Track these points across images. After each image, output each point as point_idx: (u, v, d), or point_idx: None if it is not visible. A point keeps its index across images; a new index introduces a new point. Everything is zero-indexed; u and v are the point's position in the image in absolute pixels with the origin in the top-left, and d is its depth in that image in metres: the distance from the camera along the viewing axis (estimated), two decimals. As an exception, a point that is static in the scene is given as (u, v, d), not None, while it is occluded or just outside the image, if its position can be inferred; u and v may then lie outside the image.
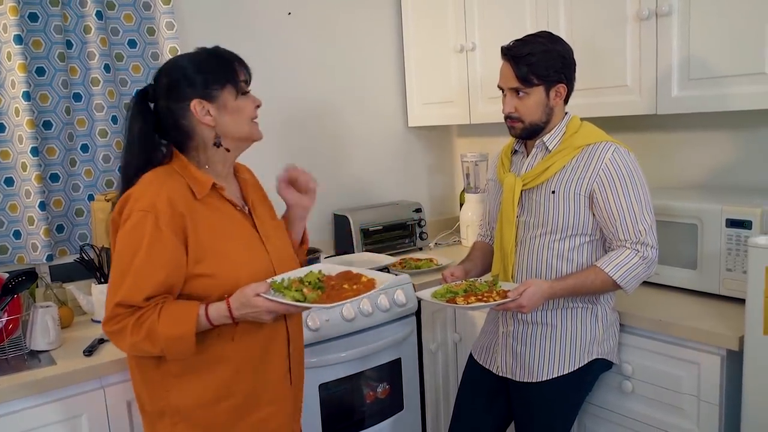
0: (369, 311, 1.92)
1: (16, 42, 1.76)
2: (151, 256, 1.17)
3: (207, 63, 1.27)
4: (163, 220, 1.18)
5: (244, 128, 1.29)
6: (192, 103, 1.24)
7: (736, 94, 1.60)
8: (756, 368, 1.36)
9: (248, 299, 1.17)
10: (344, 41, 2.55)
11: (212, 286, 1.23)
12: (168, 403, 1.25)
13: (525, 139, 1.59)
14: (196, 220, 1.22)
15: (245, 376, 1.28)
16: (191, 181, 1.25)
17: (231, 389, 1.27)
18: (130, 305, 1.17)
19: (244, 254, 1.27)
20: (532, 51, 1.47)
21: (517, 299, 1.38)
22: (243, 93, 1.29)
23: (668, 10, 1.69)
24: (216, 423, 1.27)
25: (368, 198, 2.66)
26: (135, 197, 1.21)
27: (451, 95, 2.45)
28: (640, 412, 1.63)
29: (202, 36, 2.16)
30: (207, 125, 1.26)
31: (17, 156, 1.84)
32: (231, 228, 1.28)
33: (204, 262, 1.22)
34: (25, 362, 1.52)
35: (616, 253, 1.47)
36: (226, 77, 1.26)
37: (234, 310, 1.18)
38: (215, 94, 1.25)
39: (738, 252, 1.60)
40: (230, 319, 1.19)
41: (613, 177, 1.46)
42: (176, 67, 1.27)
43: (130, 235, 1.18)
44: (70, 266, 1.89)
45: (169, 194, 1.20)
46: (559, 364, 1.54)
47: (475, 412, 1.68)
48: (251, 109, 1.30)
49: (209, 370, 1.25)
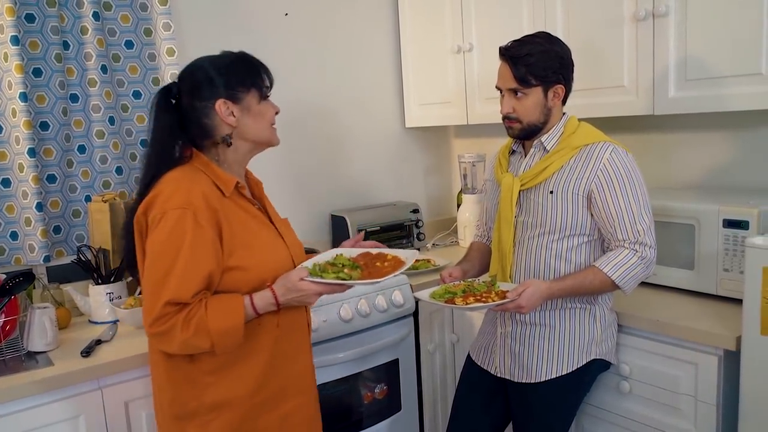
0: (366, 312, 1.92)
1: (13, 43, 1.76)
2: (195, 253, 1.19)
3: (235, 66, 1.31)
4: (202, 215, 1.20)
5: (265, 132, 1.34)
6: (217, 103, 1.27)
7: (733, 94, 1.61)
8: (753, 368, 1.37)
9: (294, 284, 1.21)
10: (341, 41, 2.55)
11: (242, 278, 1.25)
12: (201, 402, 1.26)
13: (523, 140, 1.59)
14: (227, 216, 1.26)
15: (277, 367, 1.31)
16: (216, 179, 1.28)
17: (264, 381, 1.30)
18: (179, 303, 1.18)
19: (268, 247, 1.32)
20: (530, 51, 1.47)
21: (516, 300, 1.38)
22: (265, 98, 1.33)
23: (665, 10, 1.69)
24: (248, 416, 1.29)
25: (365, 198, 2.66)
26: (165, 197, 1.22)
27: (449, 96, 2.45)
28: (637, 412, 1.63)
29: (199, 37, 2.16)
30: (229, 125, 1.29)
31: (14, 157, 1.83)
32: (254, 223, 1.32)
33: (234, 255, 1.25)
34: (22, 363, 1.51)
35: (614, 253, 1.47)
36: (252, 81, 1.31)
37: (279, 296, 1.22)
38: (241, 96, 1.29)
39: (735, 252, 1.60)
40: (275, 306, 1.24)
41: (612, 177, 1.46)
42: (203, 68, 1.31)
43: (171, 234, 1.19)
44: (68, 267, 1.88)
45: (202, 190, 1.23)
46: (558, 365, 1.54)
47: (472, 413, 1.68)
48: (271, 114, 1.35)
49: (244, 363, 1.27)
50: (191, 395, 1.27)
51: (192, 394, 1.27)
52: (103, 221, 1.88)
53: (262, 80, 1.32)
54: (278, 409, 1.32)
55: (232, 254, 1.24)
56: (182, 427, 1.28)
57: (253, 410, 1.29)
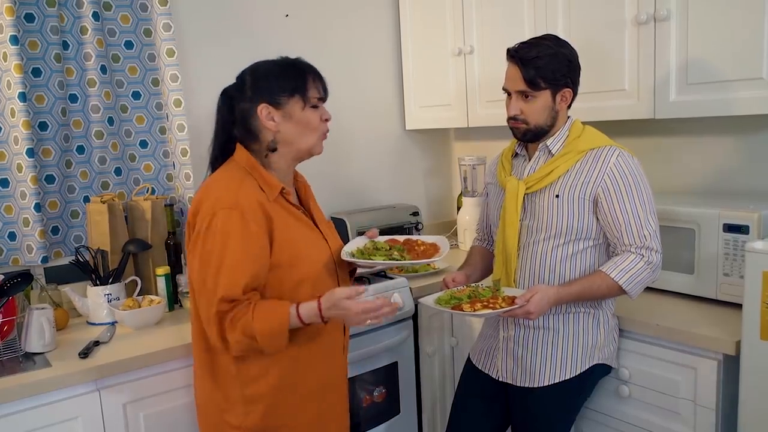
0: (366, 314, 1.91)
1: (12, 42, 1.75)
2: (241, 250, 1.24)
3: (281, 70, 1.35)
4: (250, 215, 1.25)
5: (308, 140, 1.36)
6: (259, 107, 1.32)
7: (734, 98, 1.60)
8: (753, 373, 1.36)
9: (338, 302, 1.25)
10: (342, 43, 2.55)
11: (284, 277, 1.30)
12: (241, 395, 1.32)
13: (528, 142, 1.58)
14: (275, 217, 1.30)
15: (315, 364, 1.37)
16: (262, 183, 1.33)
17: (302, 377, 1.35)
18: (232, 299, 1.23)
19: (312, 249, 1.37)
20: (539, 54, 1.46)
21: (525, 306, 1.37)
22: (312, 106, 1.35)
23: (666, 14, 1.69)
24: (286, 411, 1.34)
25: (365, 201, 2.65)
26: (214, 198, 1.27)
27: (449, 98, 2.44)
28: (636, 416, 1.63)
29: (199, 38, 2.16)
30: (270, 130, 1.33)
31: (13, 157, 1.82)
32: (299, 225, 1.37)
33: (281, 254, 1.29)
34: (20, 364, 1.51)
35: (621, 258, 1.46)
36: (294, 87, 1.33)
37: (324, 309, 1.26)
38: (282, 101, 1.32)
39: (735, 257, 1.60)
40: (320, 318, 1.27)
41: (618, 182, 1.46)
42: (254, 70, 1.36)
43: (221, 233, 1.24)
44: (66, 268, 1.87)
45: (251, 192, 1.28)
46: (561, 369, 1.53)
47: (472, 417, 1.67)
48: (317, 121, 1.36)
49: (283, 357, 1.32)
50: (231, 387, 1.32)
51: (232, 386, 1.32)
52: (101, 222, 1.88)
53: (306, 86, 1.34)
54: (316, 405, 1.38)
55: (279, 252, 1.29)
56: (222, 419, 1.34)
57: (292, 403, 1.34)
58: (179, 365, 1.59)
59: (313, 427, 1.40)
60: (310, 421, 1.38)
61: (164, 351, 1.56)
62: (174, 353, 1.58)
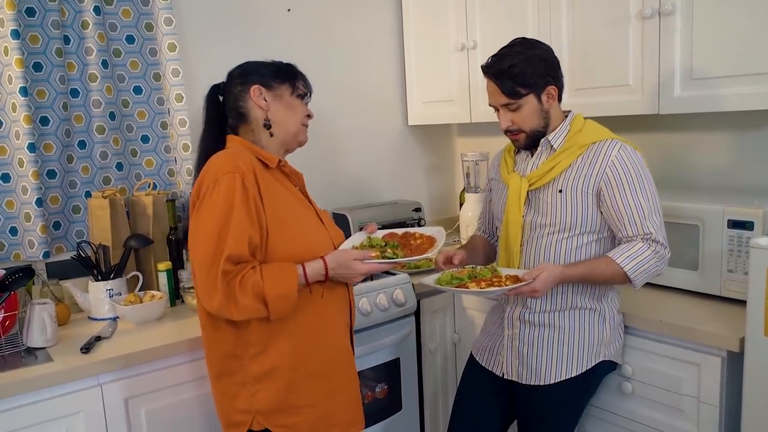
0: (368, 310, 1.91)
1: (13, 37, 1.74)
2: (246, 211, 1.26)
3: (275, 65, 1.45)
4: (248, 179, 1.28)
5: (293, 123, 1.44)
6: (252, 88, 1.40)
7: (739, 94, 1.59)
8: (757, 370, 1.36)
9: (347, 261, 1.32)
10: (344, 38, 2.54)
11: (277, 248, 1.31)
12: (248, 373, 1.33)
13: (531, 148, 1.58)
14: (269, 188, 1.33)
15: (321, 341, 1.37)
16: (260, 154, 1.38)
17: (308, 354, 1.35)
18: (238, 260, 1.24)
19: (307, 224, 1.39)
20: (512, 63, 1.45)
21: (531, 283, 1.38)
22: (299, 96, 1.45)
23: (671, 9, 1.68)
24: (294, 388, 1.34)
25: (367, 197, 2.64)
26: (214, 168, 1.30)
27: (452, 94, 2.43)
28: (639, 413, 1.62)
29: (200, 32, 2.15)
30: (260, 108, 1.40)
31: (14, 152, 1.82)
32: (295, 200, 1.41)
33: (273, 227, 1.31)
34: (21, 359, 1.51)
35: (628, 245, 1.45)
36: (286, 77, 1.44)
37: (330, 268, 1.31)
38: (274, 85, 1.42)
39: (739, 253, 1.59)
40: (324, 277, 1.32)
41: (620, 174, 1.45)
42: (248, 62, 1.46)
43: (226, 195, 1.26)
44: (67, 263, 1.87)
45: (248, 160, 1.32)
46: (567, 367, 1.52)
47: (475, 414, 1.66)
48: (302, 111, 1.46)
49: (289, 334, 1.33)
50: (238, 366, 1.33)
51: (239, 365, 1.33)
52: (103, 217, 1.87)
53: (296, 82, 1.44)
54: (324, 384, 1.37)
55: (272, 225, 1.30)
56: (231, 397, 1.35)
57: (299, 382, 1.34)
58: (181, 360, 1.59)
59: (323, 406, 1.37)
60: (320, 400, 1.37)
61: (166, 346, 1.56)
62: (176, 348, 1.57)
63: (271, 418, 1.33)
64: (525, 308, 1.57)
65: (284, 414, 1.33)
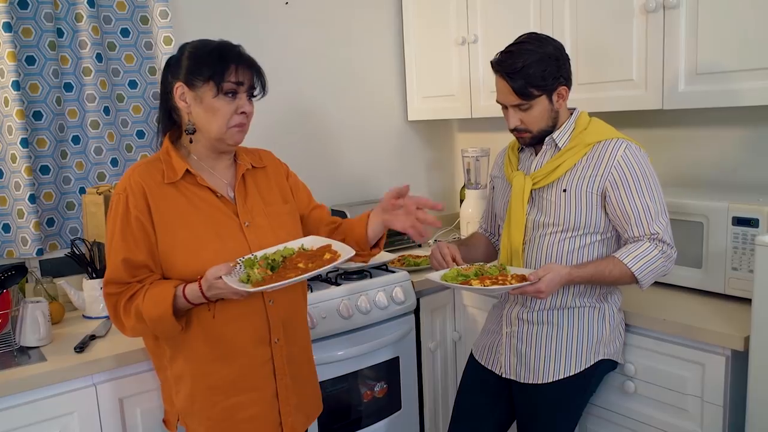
0: (367, 309, 1.89)
1: (6, 30, 1.71)
2: (120, 233, 1.26)
3: (204, 52, 1.28)
4: (132, 201, 1.27)
5: (214, 128, 1.29)
6: (176, 85, 1.29)
7: (744, 89, 1.57)
8: (762, 369, 1.34)
9: (210, 282, 1.20)
10: (343, 32, 2.51)
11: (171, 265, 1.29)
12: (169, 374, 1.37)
13: (535, 146, 1.55)
14: (159, 203, 1.28)
15: (221, 359, 1.32)
16: (166, 166, 1.31)
17: (208, 369, 1.33)
18: (116, 281, 1.27)
19: (206, 240, 1.29)
20: (525, 63, 1.41)
21: (536, 283, 1.35)
22: (226, 93, 1.27)
23: (676, 2, 1.66)
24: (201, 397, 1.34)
25: (367, 193, 2.62)
26: (119, 182, 1.32)
27: (452, 89, 2.41)
28: (642, 412, 1.61)
29: (196, 25, 2.12)
30: (182, 110, 1.31)
31: (6, 147, 1.79)
32: (200, 213, 1.31)
33: (164, 243, 1.28)
34: (14, 358, 1.49)
35: (635, 245, 1.44)
36: (211, 72, 1.26)
37: (204, 290, 1.23)
38: (197, 84, 1.28)
39: (744, 251, 1.57)
40: (204, 299, 1.24)
41: (626, 175, 1.43)
42: (181, 49, 1.32)
43: (110, 217, 1.30)
44: (61, 261, 1.86)
45: (139, 176, 1.29)
46: (566, 365, 1.51)
47: (475, 413, 1.65)
48: (228, 111, 1.27)
49: (186, 348, 1.32)
50: (161, 365, 1.38)
51: (162, 365, 1.38)
52: (97, 214, 1.85)
53: (224, 75, 1.25)
54: (222, 399, 1.34)
55: (162, 243, 1.28)
56: (167, 394, 1.40)
57: (198, 393, 1.34)
58: (177, 360, 1.57)
59: (219, 422, 1.33)
60: (217, 415, 1.33)
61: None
62: (171, 348, 1.55)
63: (185, 418, 1.38)
64: (524, 306, 1.56)
65: (192, 418, 1.36)
